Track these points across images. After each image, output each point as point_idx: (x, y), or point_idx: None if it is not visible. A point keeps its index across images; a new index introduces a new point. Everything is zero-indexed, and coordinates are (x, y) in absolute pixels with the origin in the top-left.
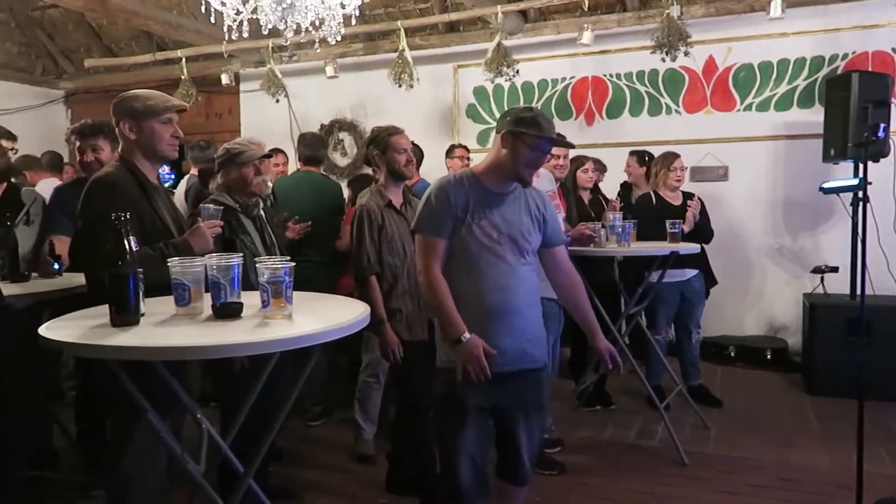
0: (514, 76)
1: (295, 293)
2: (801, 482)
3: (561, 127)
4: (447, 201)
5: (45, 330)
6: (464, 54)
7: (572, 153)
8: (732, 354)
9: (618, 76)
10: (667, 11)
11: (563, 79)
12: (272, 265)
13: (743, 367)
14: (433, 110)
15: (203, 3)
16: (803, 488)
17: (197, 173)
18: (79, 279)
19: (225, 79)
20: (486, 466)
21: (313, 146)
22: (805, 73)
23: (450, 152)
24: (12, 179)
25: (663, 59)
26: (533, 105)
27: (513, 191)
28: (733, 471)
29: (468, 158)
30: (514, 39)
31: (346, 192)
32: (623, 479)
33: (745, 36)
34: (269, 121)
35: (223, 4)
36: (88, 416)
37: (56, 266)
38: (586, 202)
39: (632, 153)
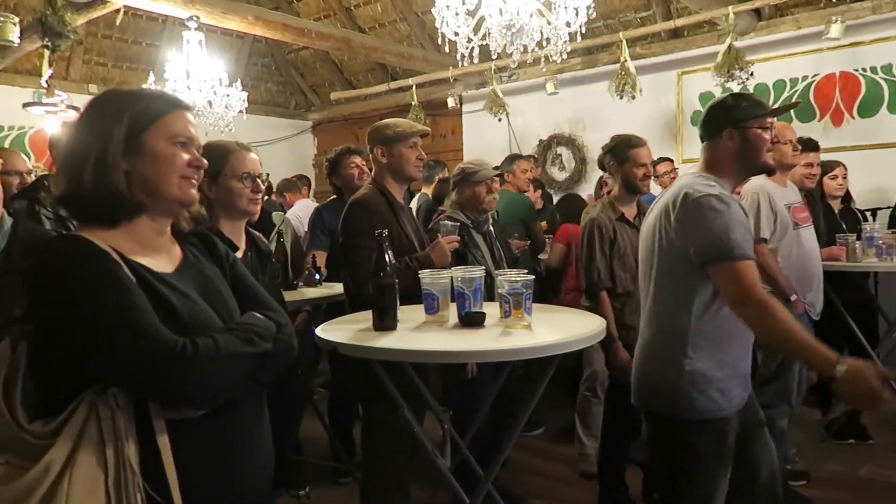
0: (747, 79)
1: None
2: None
3: (802, 129)
4: (744, 218)
5: (320, 331)
6: (688, 60)
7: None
8: None
9: (872, 69)
10: None
11: (804, 77)
12: (511, 278)
13: None
14: (654, 120)
15: (438, 34)
16: None
17: (430, 192)
18: (337, 288)
19: (451, 102)
20: None
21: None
22: None
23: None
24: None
25: None
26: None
27: None
28: None
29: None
30: (745, 40)
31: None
32: None
33: None
34: (489, 139)
35: (456, 35)
36: (339, 411)
37: (317, 276)
38: (836, 212)
39: None
